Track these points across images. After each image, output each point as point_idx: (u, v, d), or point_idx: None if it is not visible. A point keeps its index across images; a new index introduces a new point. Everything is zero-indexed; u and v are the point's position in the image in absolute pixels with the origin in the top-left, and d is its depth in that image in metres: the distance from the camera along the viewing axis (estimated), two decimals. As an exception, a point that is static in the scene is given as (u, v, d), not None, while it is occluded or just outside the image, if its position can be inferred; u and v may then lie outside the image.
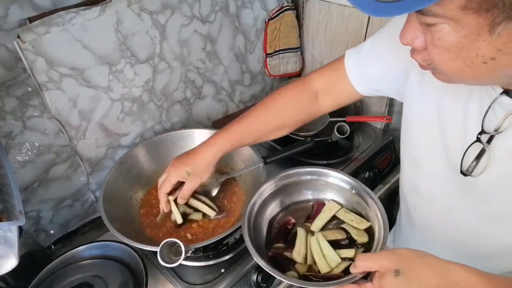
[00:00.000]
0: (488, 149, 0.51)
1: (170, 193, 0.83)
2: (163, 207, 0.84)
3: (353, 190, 0.73)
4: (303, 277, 0.63)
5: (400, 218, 0.84)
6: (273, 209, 0.77)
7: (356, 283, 0.53)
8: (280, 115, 0.79)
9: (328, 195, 0.77)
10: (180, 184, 0.83)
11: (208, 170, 0.80)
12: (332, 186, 0.77)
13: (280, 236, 0.72)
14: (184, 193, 0.81)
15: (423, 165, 0.65)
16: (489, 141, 0.50)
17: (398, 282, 0.47)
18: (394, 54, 0.63)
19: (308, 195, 0.79)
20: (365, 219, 0.71)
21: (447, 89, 0.54)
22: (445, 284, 0.46)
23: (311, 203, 0.78)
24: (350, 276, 0.54)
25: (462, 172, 0.55)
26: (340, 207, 0.74)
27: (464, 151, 0.54)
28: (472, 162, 0.53)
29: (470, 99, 0.52)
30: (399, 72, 0.63)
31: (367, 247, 0.66)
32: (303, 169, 0.78)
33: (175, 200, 0.85)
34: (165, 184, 0.80)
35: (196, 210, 0.92)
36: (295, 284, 0.58)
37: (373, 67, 0.68)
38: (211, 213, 0.91)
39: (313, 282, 0.58)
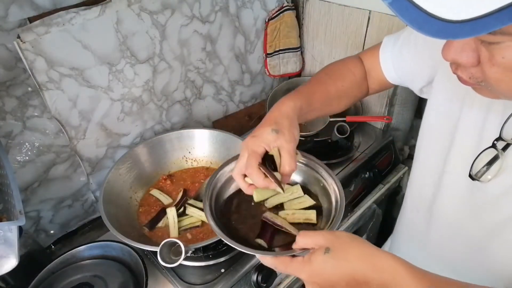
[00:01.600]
0: (502, 156, 0.50)
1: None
2: (260, 184, 0.59)
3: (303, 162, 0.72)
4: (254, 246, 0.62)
5: (400, 220, 0.84)
6: (235, 186, 0.74)
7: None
8: (346, 81, 0.75)
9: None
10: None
11: (295, 126, 0.62)
12: None
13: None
14: (287, 160, 0.59)
15: (431, 165, 0.64)
16: (504, 149, 0.50)
17: (325, 258, 0.48)
18: (427, 52, 0.62)
19: None
20: (316, 197, 0.71)
21: (472, 93, 0.52)
22: (371, 269, 0.46)
23: None
24: (289, 251, 0.55)
25: (470, 176, 0.54)
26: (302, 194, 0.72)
27: (476, 155, 0.53)
28: (483, 167, 0.52)
29: (492, 105, 0.52)
30: (428, 70, 0.63)
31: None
32: None
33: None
34: (250, 158, 0.58)
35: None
36: (239, 249, 0.58)
37: (405, 59, 0.67)
38: None
39: (253, 250, 0.58)
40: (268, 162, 0.61)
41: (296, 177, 0.77)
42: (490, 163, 0.52)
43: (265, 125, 0.60)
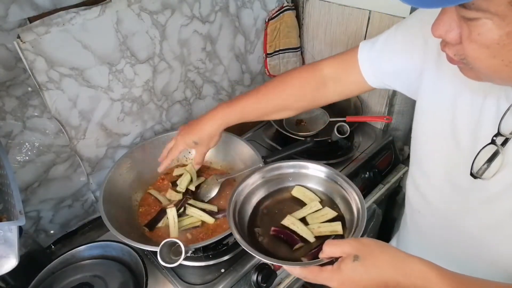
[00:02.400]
0: (502, 152, 0.50)
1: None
2: (161, 167, 0.95)
3: (327, 177, 0.79)
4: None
5: (404, 221, 0.83)
6: (259, 196, 0.81)
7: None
8: (285, 97, 0.80)
9: (308, 185, 0.81)
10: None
11: (213, 139, 0.88)
12: (312, 177, 0.81)
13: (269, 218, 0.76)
14: (197, 160, 0.94)
15: (430, 165, 0.64)
16: (503, 143, 0.49)
17: (355, 266, 0.49)
18: (407, 51, 0.62)
19: (290, 183, 0.83)
20: (338, 208, 0.75)
21: (463, 90, 0.53)
22: (401, 274, 0.47)
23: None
24: (317, 260, 0.57)
25: (472, 174, 0.54)
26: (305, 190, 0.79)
27: (476, 153, 0.52)
28: (484, 165, 0.52)
29: (487, 100, 0.51)
30: (411, 69, 0.62)
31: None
32: (286, 162, 0.82)
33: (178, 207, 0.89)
34: (173, 150, 0.91)
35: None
36: (264, 260, 0.62)
37: (384, 62, 0.67)
38: (210, 220, 0.91)
39: (279, 260, 0.61)
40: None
41: (317, 188, 0.80)
42: (491, 159, 0.51)
43: (192, 133, 0.87)
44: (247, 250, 0.63)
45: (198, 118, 0.89)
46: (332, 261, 0.54)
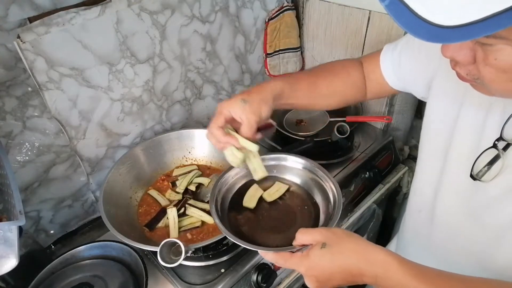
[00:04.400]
0: (503, 156, 0.50)
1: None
2: (217, 144, 0.67)
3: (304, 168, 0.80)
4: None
5: (404, 222, 0.84)
6: (240, 185, 0.81)
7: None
8: (332, 78, 0.77)
9: (287, 176, 0.82)
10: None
11: (267, 103, 0.66)
12: (291, 168, 0.82)
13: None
14: (245, 131, 0.65)
15: (431, 165, 0.65)
16: (505, 148, 0.50)
17: (322, 252, 0.52)
18: (424, 54, 0.63)
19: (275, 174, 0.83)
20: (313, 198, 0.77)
21: (470, 96, 0.54)
22: (363, 262, 0.50)
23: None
24: (289, 247, 0.59)
25: (472, 176, 0.54)
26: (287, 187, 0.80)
27: (477, 156, 0.53)
28: (484, 167, 0.53)
29: (492, 106, 0.52)
30: (426, 73, 0.64)
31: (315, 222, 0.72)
32: (268, 155, 0.82)
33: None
34: (216, 118, 0.65)
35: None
36: (243, 246, 0.63)
37: (405, 64, 0.68)
38: (211, 220, 0.91)
39: (255, 246, 0.62)
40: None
41: (295, 178, 0.81)
42: (491, 163, 0.52)
43: (240, 95, 0.66)
44: (225, 234, 0.64)
45: None
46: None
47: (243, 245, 0.62)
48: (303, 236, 0.56)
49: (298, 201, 0.77)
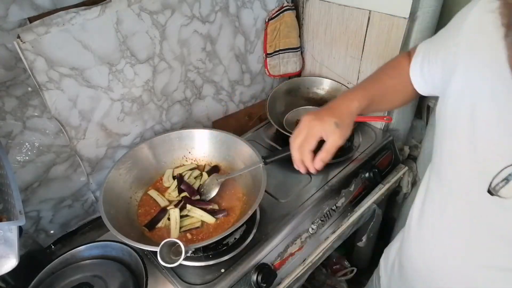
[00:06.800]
0: None
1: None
2: (301, 167, 0.73)
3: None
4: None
5: (410, 226, 0.77)
6: None
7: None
8: (403, 79, 0.72)
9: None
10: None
11: (351, 125, 0.71)
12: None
13: None
14: (329, 151, 0.69)
15: (447, 174, 0.60)
16: None
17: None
18: (446, 45, 0.59)
19: None
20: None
21: (491, 99, 0.50)
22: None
23: None
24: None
25: (489, 191, 0.51)
26: None
27: (497, 171, 0.49)
28: (502, 182, 0.49)
29: None
30: (448, 70, 0.58)
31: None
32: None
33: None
34: (308, 140, 0.69)
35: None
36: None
37: (436, 68, 0.63)
38: (211, 220, 0.91)
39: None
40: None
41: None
42: (508, 178, 0.48)
43: (331, 116, 0.69)
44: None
45: (326, 105, 0.74)
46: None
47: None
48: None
49: None
